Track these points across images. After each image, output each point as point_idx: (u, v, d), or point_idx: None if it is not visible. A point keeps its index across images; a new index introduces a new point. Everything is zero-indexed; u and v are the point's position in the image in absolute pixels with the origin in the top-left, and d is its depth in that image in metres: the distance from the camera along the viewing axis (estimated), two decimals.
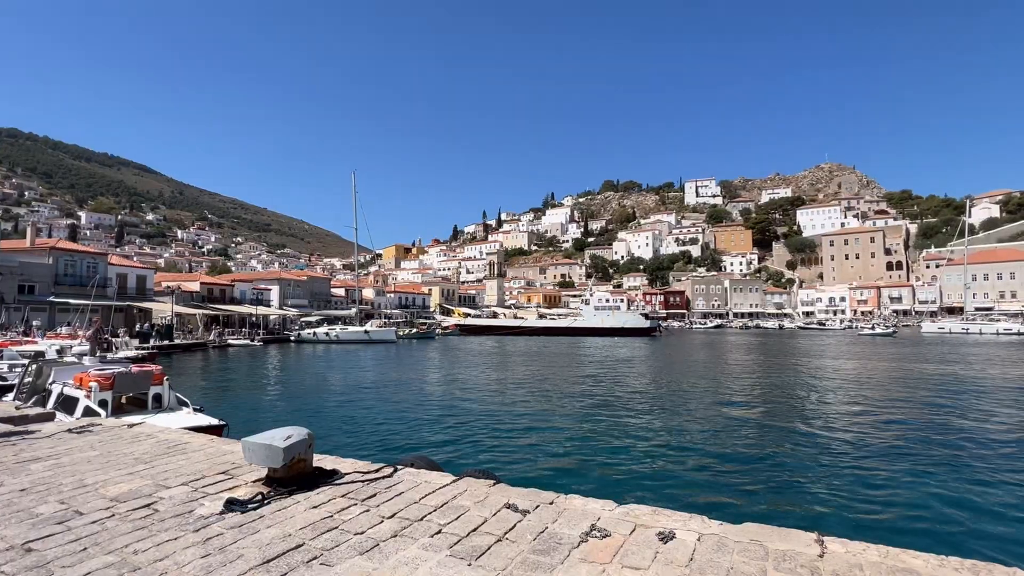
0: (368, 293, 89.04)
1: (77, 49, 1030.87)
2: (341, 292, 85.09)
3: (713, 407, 17.49)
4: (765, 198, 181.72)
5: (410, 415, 16.44)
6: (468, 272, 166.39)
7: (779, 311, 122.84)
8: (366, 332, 57.54)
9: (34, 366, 12.90)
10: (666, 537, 3.44)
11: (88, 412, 9.89)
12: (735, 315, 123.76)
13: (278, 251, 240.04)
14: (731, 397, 19.77)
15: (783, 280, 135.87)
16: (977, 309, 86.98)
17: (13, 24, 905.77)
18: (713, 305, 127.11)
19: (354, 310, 67.62)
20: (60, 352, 21.17)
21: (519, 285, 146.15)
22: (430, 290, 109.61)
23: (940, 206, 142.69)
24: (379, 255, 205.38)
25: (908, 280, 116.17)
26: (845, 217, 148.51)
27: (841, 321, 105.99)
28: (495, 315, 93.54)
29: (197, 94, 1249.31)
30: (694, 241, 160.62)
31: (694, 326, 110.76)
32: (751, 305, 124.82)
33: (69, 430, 7.62)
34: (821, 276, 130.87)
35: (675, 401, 18.85)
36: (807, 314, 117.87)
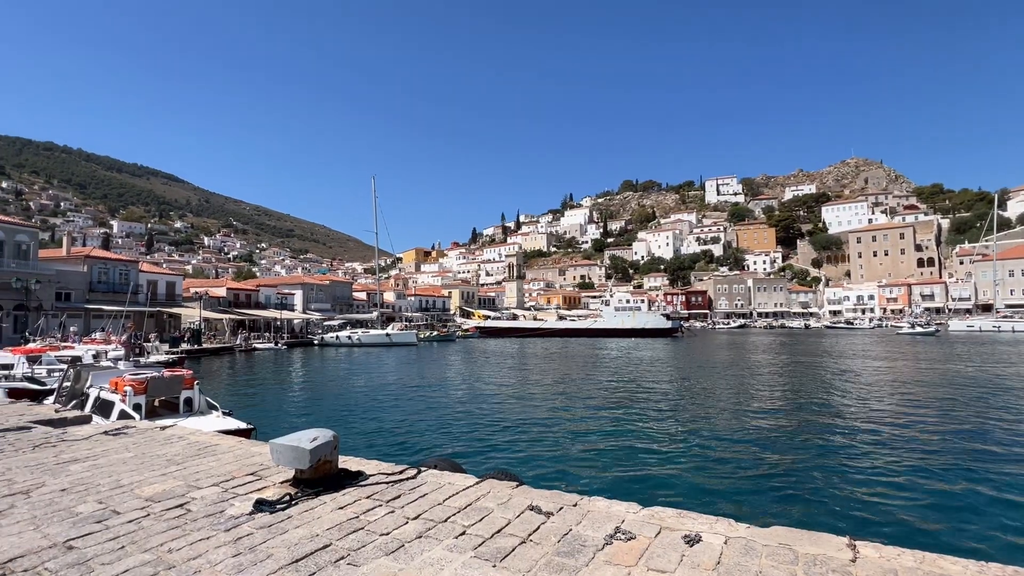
0: (389, 296, 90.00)
1: (108, 64, 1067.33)
2: (362, 296, 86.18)
3: (738, 409, 17.19)
4: (788, 195, 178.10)
5: (432, 417, 16.55)
6: (487, 274, 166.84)
7: (804, 310, 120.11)
8: (387, 335, 58.15)
9: (72, 371, 13.38)
10: (692, 540, 3.40)
11: (123, 415, 10.21)
12: (759, 315, 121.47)
13: (301, 256, 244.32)
14: (757, 399, 19.41)
15: (808, 278, 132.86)
16: (1008, 306, 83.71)
17: (50, 42, 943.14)
18: (736, 305, 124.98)
19: (375, 314, 68.41)
20: (96, 357, 21.90)
21: (538, 287, 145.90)
22: (450, 293, 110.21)
23: (974, 200, 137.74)
24: (399, 259, 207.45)
25: (941, 277, 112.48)
26: (873, 213, 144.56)
27: (870, 320, 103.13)
28: (515, 317, 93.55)
29: (221, 100, 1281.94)
30: (715, 240, 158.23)
31: (717, 326, 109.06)
32: (775, 304, 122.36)
33: (105, 432, 7.88)
34: (848, 274, 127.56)
35: (699, 403, 18.58)
36: (834, 313, 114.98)
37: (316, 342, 58.45)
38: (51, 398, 13.76)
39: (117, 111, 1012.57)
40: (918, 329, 71.22)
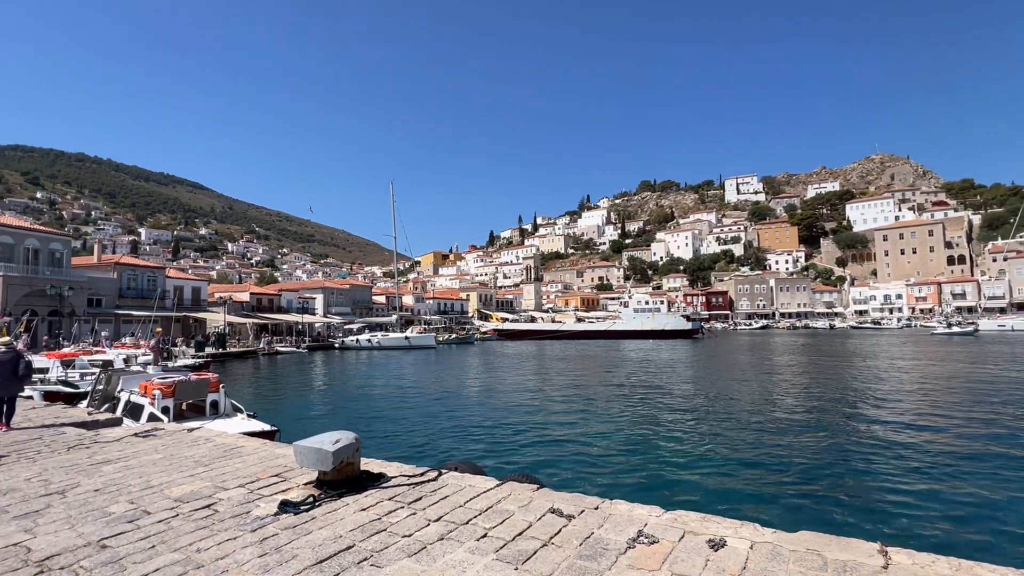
0: (408, 300, 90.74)
1: (136, 76, 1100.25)
2: (382, 299, 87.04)
3: (762, 412, 16.88)
4: (811, 193, 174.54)
5: (451, 419, 16.61)
6: (505, 277, 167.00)
7: (829, 310, 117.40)
8: (407, 338, 58.62)
9: (104, 375, 13.79)
10: (717, 544, 3.35)
11: (152, 418, 10.48)
12: (782, 315, 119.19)
13: (321, 261, 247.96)
14: (782, 401, 19.03)
15: (833, 278, 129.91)
16: None
17: (82, 56, 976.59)
18: (758, 305, 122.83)
19: (395, 317, 69.02)
20: (127, 361, 22.53)
21: (556, 289, 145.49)
22: (468, 296, 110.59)
23: (1006, 195, 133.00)
24: (417, 262, 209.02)
25: (972, 275, 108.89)
26: (900, 210, 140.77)
27: (898, 320, 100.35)
28: (533, 319, 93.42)
29: (243, 108, 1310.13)
30: (736, 240, 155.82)
31: (738, 327, 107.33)
32: (799, 304, 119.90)
33: (136, 434, 8.10)
34: (875, 273, 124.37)
35: (721, 405, 18.30)
36: (860, 313, 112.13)
37: (337, 345, 59.21)
38: (84, 401, 14.19)
39: (145, 122, 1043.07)
40: (955, 329, 67.89)
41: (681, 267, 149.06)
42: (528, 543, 3.52)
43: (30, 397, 13.94)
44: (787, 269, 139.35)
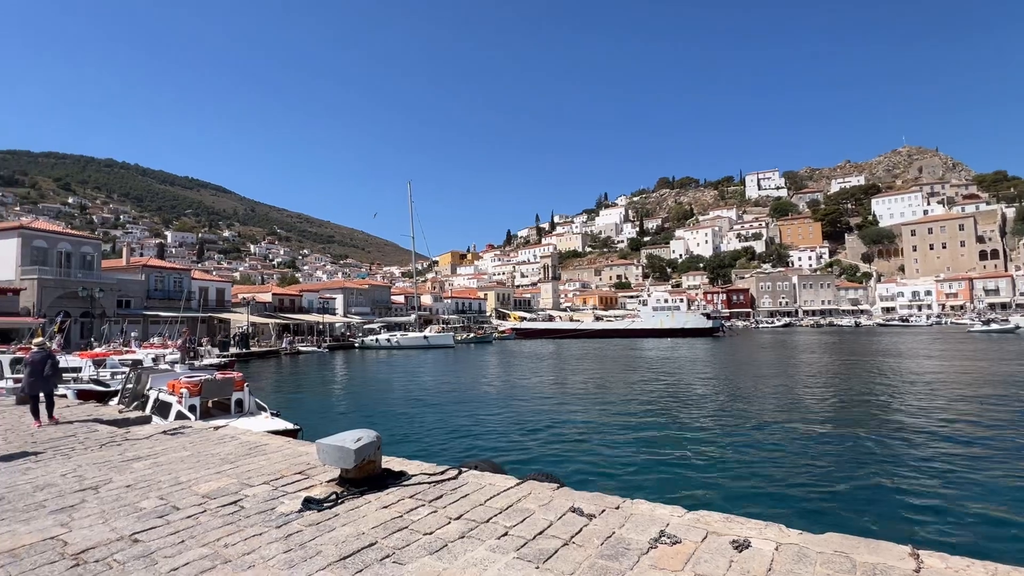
0: (426, 299, 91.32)
1: (160, 84, 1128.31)
2: (401, 299, 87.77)
3: (786, 411, 16.58)
4: (835, 188, 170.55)
5: (470, 418, 16.68)
6: (522, 276, 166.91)
7: (854, 307, 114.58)
8: (425, 337, 59.03)
9: (134, 374, 14.18)
10: (741, 546, 3.30)
11: (180, 416, 10.75)
12: (805, 313, 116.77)
13: (341, 261, 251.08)
14: (807, 400, 18.66)
15: (858, 274, 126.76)
16: None
17: (109, 64, 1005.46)
18: (780, 303, 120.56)
19: (413, 316, 69.54)
20: (155, 361, 23.13)
21: (574, 287, 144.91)
22: (485, 295, 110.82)
23: None
24: (435, 262, 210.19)
25: (1007, 270, 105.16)
26: (928, 204, 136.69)
27: (928, 317, 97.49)
28: (551, 318, 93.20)
29: (264, 110, 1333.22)
30: (757, 236, 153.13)
31: (760, 325, 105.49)
32: (823, 302, 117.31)
33: (164, 432, 8.31)
34: (902, 269, 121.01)
35: (743, 404, 18.02)
36: (887, 310, 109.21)
37: (357, 345, 59.92)
38: (115, 399, 14.61)
39: (169, 127, 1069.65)
40: (994, 327, 64.61)
41: (701, 264, 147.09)
42: (549, 542, 3.52)
43: (64, 395, 14.40)
44: (810, 266, 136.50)
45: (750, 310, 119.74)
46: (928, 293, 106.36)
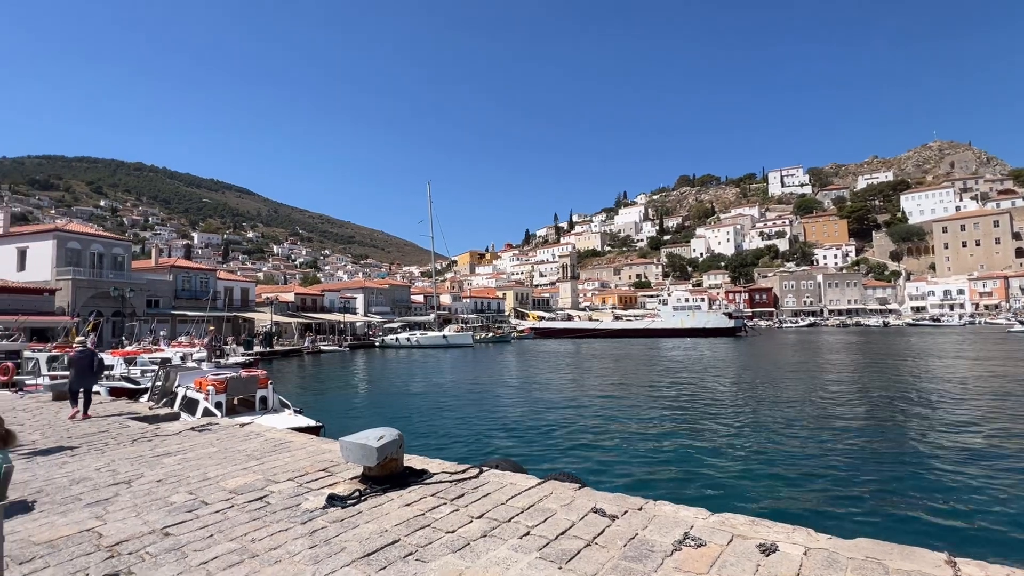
0: (445, 299, 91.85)
1: (187, 90, 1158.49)
2: (420, 299, 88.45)
3: (812, 412, 16.23)
4: (862, 184, 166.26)
5: (490, 417, 16.71)
6: (541, 275, 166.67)
7: (882, 307, 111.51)
8: (444, 337, 59.36)
9: (163, 371, 14.57)
10: (768, 550, 3.24)
11: (207, 412, 11.00)
12: (830, 312, 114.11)
13: (362, 261, 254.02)
14: (834, 401, 18.24)
15: (886, 273, 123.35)
16: None
17: (140, 76, 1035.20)
18: (805, 302, 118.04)
19: (432, 316, 70.00)
20: (183, 359, 23.73)
21: (593, 287, 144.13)
22: (504, 294, 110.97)
23: None
24: (454, 262, 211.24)
25: None
26: (960, 200, 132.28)
27: (960, 316, 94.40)
28: (569, 318, 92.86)
29: (286, 113, 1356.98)
30: (780, 234, 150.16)
31: (784, 325, 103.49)
32: (849, 301, 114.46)
33: (192, 428, 8.52)
34: (933, 267, 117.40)
35: (767, 405, 17.70)
36: (917, 309, 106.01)
37: (377, 344, 60.58)
38: (145, 396, 15.03)
39: (196, 131, 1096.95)
40: None
41: (722, 263, 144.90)
42: (571, 542, 3.50)
43: (98, 392, 14.86)
44: (836, 264, 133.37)
45: (773, 310, 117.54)
46: (961, 292, 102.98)
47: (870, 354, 38.00)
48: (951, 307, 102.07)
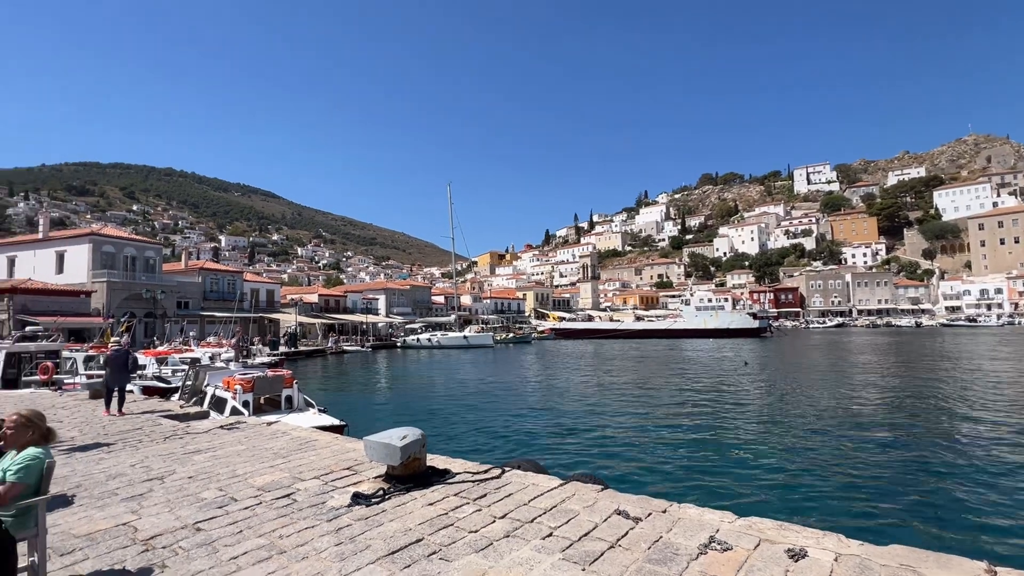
0: (466, 300, 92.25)
1: (215, 96, 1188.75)
2: (441, 299, 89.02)
3: (841, 414, 15.82)
4: (892, 180, 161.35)
5: (510, 418, 16.72)
6: (561, 276, 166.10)
7: (915, 307, 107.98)
8: (465, 337, 59.62)
9: (192, 371, 14.96)
10: (797, 555, 3.17)
11: (234, 411, 11.26)
12: (859, 312, 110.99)
13: (383, 263, 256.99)
14: (864, 404, 17.74)
15: (919, 271, 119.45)
16: None
17: (172, 83, 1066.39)
18: (832, 302, 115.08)
19: (453, 316, 70.39)
20: (212, 359, 24.34)
21: (614, 287, 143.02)
22: (524, 295, 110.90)
23: None
24: (474, 263, 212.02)
25: None
26: (998, 195, 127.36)
27: (998, 316, 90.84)
28: (590, 318, 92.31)
29: (310, 117, 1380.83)
30: (807, 233, 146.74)
31: (810, 325, 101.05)
32: (879, 301, 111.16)
33: (221, 426, 8.73)
34: (968, 265, 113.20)
35: (794, 407, 17.31)
36: (951, 309, 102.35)
37: (399, 344, 61.18)
38: (176, 395, 15.45)
39: (223, 136, 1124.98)
40: None
41: (746, 263, 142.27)
42: (595, 544, 3.49)
43: (131, 391, 15.34)
44: (865, 263, 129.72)
45: (799, 310, 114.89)
46: (999, 291, 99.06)
47: (902, 356, 36.85)
48: (988, 307, 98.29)
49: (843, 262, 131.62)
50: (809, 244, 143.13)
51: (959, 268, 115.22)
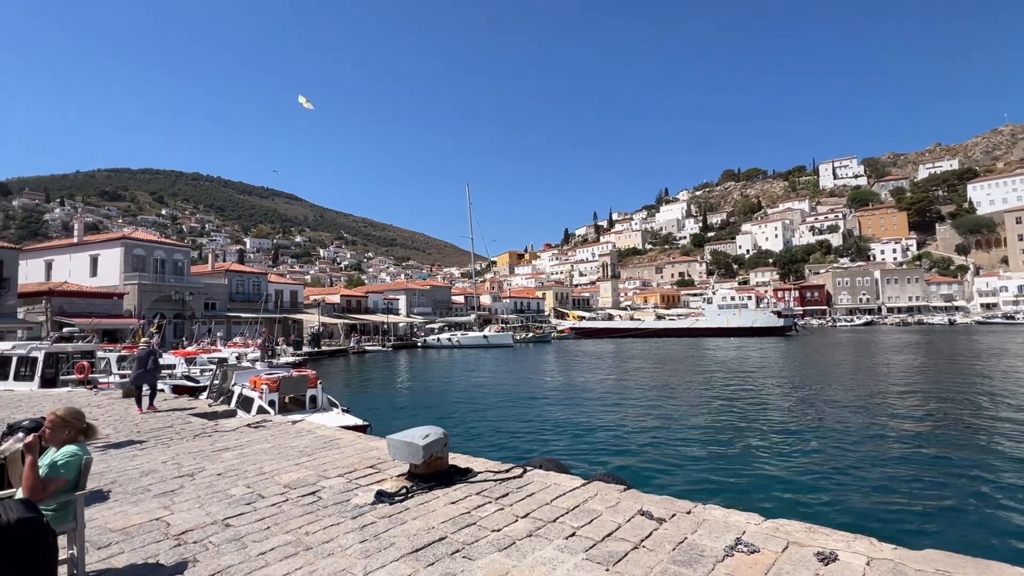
0: (485, 299, 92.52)
1: (236, 100, 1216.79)
2: (460, 299, 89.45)
3: (870, 415, 15.41)
4: (923, 173, 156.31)
5: (531, 417, 16.72)
6: (581, 275, 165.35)
7: (947, 304, 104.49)
8: (485, 337, 59.81)
9: (220, 371, 15.33)
10: (827, 558, 3.10)
11: (260, 410, 11.51)
12: (889, 310, 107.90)
13: (403, 263, 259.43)
14: (895, 405, 17.25)
15: (952, 268, 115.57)
16: None
17: (199, 88, 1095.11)
18: (860, 300, 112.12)
19: (473, 316, 70.68)
20: (239, 359, 24.91)
21: (634, 286, 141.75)
22: (544, 294, 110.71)
23: None
24: (494, 262, 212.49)
25: None
26: None
27: None
28: (610, 317, 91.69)
29: (330, 120, 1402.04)
30: (833, 229, 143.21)
31: (837, 323, 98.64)
32: (910, 298, 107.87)
33: (248, 425, 8.92)
34: (1005, 261, 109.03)
35: (821, 407, 16.92)
36: (987, 306, 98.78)
37: (419, 344, 61.70)
38: (204, 394, 15.85)
39: (246, 141, 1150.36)
40: None
41: (770, 260, 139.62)
42: (618, 544, 3.46)
43: (162, 390, 15.79)
44: (895, 259, 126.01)
45: (826, 308, 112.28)
46: None
47: (935, 355, 35.72)
48: None
49: (871, 258, 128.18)
50: (835, 240, 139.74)
51: (995, 264, 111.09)
